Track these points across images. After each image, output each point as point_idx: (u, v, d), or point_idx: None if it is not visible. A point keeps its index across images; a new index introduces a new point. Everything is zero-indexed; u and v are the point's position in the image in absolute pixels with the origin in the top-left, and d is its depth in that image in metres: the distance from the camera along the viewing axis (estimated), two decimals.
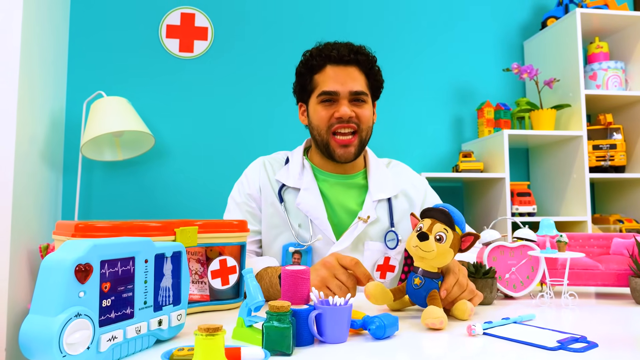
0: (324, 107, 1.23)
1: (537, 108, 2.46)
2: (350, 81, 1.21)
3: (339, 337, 0.73)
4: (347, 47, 1.23)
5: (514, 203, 2.35)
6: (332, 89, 1.20)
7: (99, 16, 2.44)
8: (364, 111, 1.23)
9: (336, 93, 1.20)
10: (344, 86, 1.20)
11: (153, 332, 0.70)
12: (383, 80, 1.30)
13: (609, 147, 2.38)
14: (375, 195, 1.26)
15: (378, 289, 0.89)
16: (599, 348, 0.70)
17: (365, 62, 1.23)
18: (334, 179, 1.29)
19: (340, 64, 1.21)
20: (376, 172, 1.30)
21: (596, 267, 1.09)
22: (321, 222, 1.23)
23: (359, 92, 1.21)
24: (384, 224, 1.26)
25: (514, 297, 1.08)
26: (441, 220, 0.85)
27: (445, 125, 2.68)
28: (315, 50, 1.25)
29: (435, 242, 0.83)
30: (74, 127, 2.33)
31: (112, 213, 2.36)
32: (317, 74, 1.24)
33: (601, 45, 2.53)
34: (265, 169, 1.31)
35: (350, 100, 1.21)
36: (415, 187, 1.33)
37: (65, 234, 0.82)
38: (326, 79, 1.22)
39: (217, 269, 0.95)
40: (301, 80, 1.28)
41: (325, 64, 1.22)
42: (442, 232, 0.84)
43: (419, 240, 0.83)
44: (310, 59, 1.24)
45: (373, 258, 1.24)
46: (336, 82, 1.20)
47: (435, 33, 2.71)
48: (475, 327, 0.77)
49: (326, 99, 1.22)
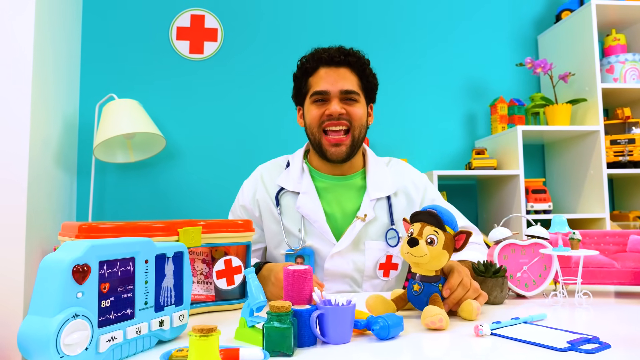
0: (316, 107, 1.25)
1: (551, 103, 2.41)
2: (341, 80, 1.23)
3: (342, 337, 0.72)
4: (338, 50, 1.26)
5: (529, 200, 2.30)
6: (323, 88, 1.23)
7: (110, 20, 2.47)
8: (355, 109, 1.24)
9: (327, 92, 1.23)
10: (335, 85, 1.23)
11: (154, 333, 0.70)
12: (377, 82, 1.32)
13: (627, 141, 2.32)
14: (373, 194, 1.26)
15: (378, 300, 0.87)
16: (611, 349, 0.68)
17: (356, 63, 1.25)
18: (331, 180, 1.29)
19: (332, 65, 1.24)
20: (375, 171, 1.30)
21: (612, 265, 1.05)
22: (320, 224, 1.23)
23: (350, 90, 1.23)
24: (383, 222, 1.26)
25: (525, 297, 1.05)
26: (430, 222, 0.84)
27: (458, 122, 2.64)
28: (308, 54, 1.29)
29: (427, 246, 0.82)
30: (87, 129, 2.36)
31: (126, 214, 2.38)
32: (311, 76, 1.27)
33: (618, 37, 2.47)
34: (262, 179, 1.32)
35: (341, 99, 1.23)
36: (415, 185, 1.32)
37: (69, 235, 0.82)
38: (318, 80, 1.25)
39: (222, 269, 0.95)
40: (297, 83, 1.32)
41: (318, 66, 1.26)
42: (432, 235, 0.82)
43: (409, 246, 0.82)
44: (305, 63, 1.28)
45: (374, 257, 1.24)
46: (327, 82, 1.23)
47: (447, 28, 2.67)
48: (482, 327, 0.75)
49: (318, 98, 1.24)
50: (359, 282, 1.25)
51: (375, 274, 1.24)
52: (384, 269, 1.24)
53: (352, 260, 1.23)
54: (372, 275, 1.24)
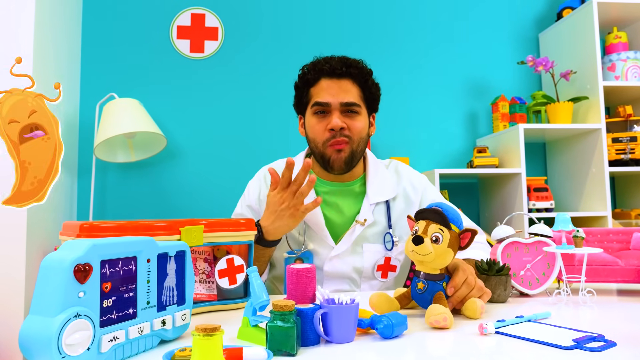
0: (317, 119, 1.24)
1: (553, 101, 2.40)
2: (342, 93, 1.22)
3: (346, 336, 0.71)
4: (340, 61, 1.24)
5: (531, 199, 2.30)
6: (324, 100, 1.22)
7: (111, 19, 2.46)
8: (356, 123, 1.23)
9: (328, 104, 1.22)
10: (336, 97, 1.21)
11: (157, 333, 0.69)
12: (379, 92, 1.31)
13: (629, 139, 2.31)
14: (372, 199, 1.27)
15: (382, 298, 0.87)
16: (617, 347, 0.67)
17: (358, 75, 1.24)
18: (332, 186, 1.30)
19: (333, 76, 1.23)
20: (375, 176, 1.30)
21: (615, 263, 1.05)
22: (319, 228, 1.24)
23: (350, 103, 1.22)
24: (381, 225, 1.27)
25: (529, 295, 1.05)
26: (435, 220, 0.83)
27: (459, 121, 2.63)
28: (310, 64, 1.28)
29: (432, 244, 0.81)
30: (88, 129, 2.35)
31: (127, 214, 2.38)
32: (313, 87, 1.26)
33: (620, 35, 2.46)
34: (266, 180, 1.33)
35: (342, 112, 1.22)
36: (413, 186, 1.32)
37: (70, 234, 0.81)
38: (319, 91, 1.23)
39: (225, 268, 0.94)
40: (298, 93, 1.30)
41: (320, 77, 1.24)
42: (437, 233, 0.82)
43: (414, 244, 0.81)
44: (306, 73, 1.27)
45: (373, 259, 1.25)
46: (328, 93, 1.22)
47: (448, 27, 2.67)
48: (487, 326, 0.74)
49: (319, 110, 1.23)
50: (358, 283, 1.26)
51: (374, 275, 1.25)
52: (381, 271, 1.25)
53: (351, 262, 1.24)
54: (370, 276, 1.26)
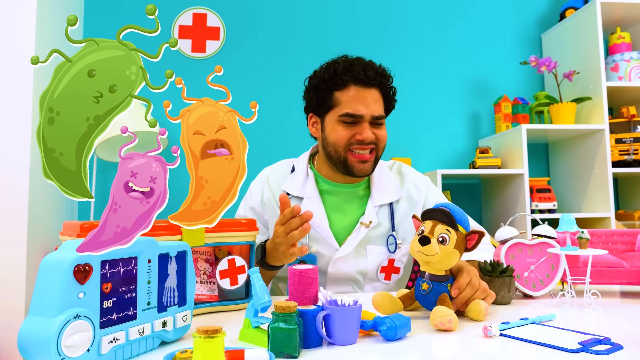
0: (345, 127, 1.21)
1: (556, 102, 2.39)
2: (372, 104, 1.20)
3: (349, 338, 0.71)
4: (373, 69, 1.21)
5: (534, 199, 2.29)
6: (358, 112, 1.19)
7: (112, 18, 2.46)
8: (382, 132, 1.24)
9: (361, 117, 1.20)
10: (368, 109, 1.20)
11: (157, 334, 0.69)
12: (396, 100, 1.30)
13: (633, 140, 2.30)
14: (377, 201, 1.26)
15: (386, 298, 0.86)
16: (624, 350, 0.66)
17: (386, 85, 1.24)
18: (337, 188, 1.29)
19: (365, 85, 1.20)
20: (379, 178, 1.30)
21: (620, 265, 1.04)
22: (323, 229, 1.23)
23: (381, 116, 1.22)
24: (385, 228, 1.26)
25: (533, 297, 1.04)
26: (442, 221, 0.82)
27: (462, 121, 2.63)
28: (339, 67, 1.22)
29: (439, 245, 0.80)
30: None
31: None
32: (339, 91, 1.21)
33: (623, 35, 2.45)
34: (269, 182, 1.32)
35: (371, 123, 1.21)
36: (417, 188, 1.32)
37: (71, 234, 0.81)
38: (349, 100, 1.20)
39: (226, 268, 0.93)
40: (319, 94, 1.25)
41: (349, 83, 1.20)
42: (444, 234, 0.81)
43: (420, 244, 0.80)
44: (334, 76, 1.21)
45: (376, 261, 1.24)
46: (361, 104, 1.19)
47: (450, 27, 2.66)
48: (491, 328, 0.73)
49: (350, 120, 1.20)
50: (361, 284, 1.26)
51: (377, 277, 1.25)
52: (385, 272, 1.25)
53: (355, 264, 1.23)
54: (374, 278, 1.25)
